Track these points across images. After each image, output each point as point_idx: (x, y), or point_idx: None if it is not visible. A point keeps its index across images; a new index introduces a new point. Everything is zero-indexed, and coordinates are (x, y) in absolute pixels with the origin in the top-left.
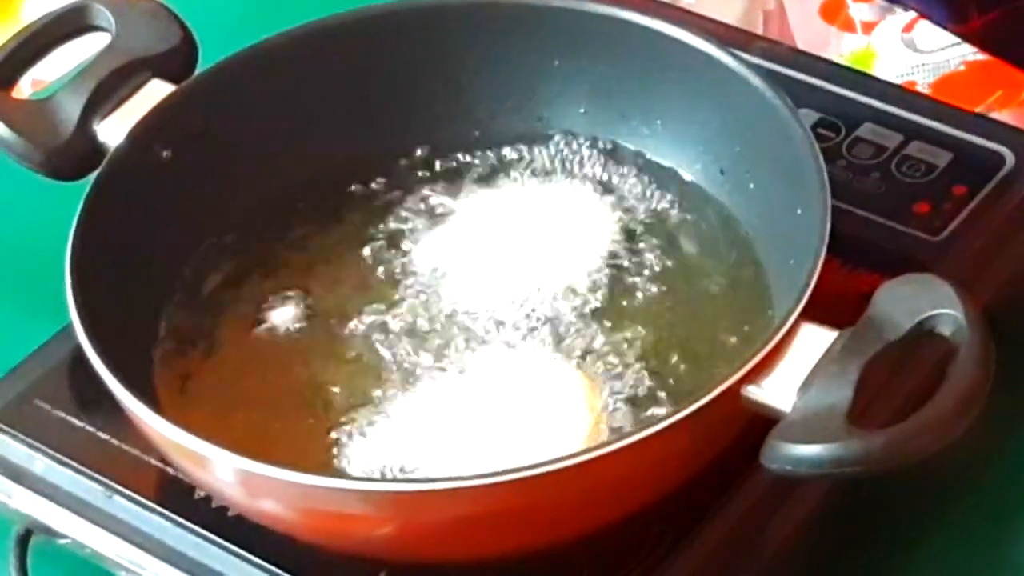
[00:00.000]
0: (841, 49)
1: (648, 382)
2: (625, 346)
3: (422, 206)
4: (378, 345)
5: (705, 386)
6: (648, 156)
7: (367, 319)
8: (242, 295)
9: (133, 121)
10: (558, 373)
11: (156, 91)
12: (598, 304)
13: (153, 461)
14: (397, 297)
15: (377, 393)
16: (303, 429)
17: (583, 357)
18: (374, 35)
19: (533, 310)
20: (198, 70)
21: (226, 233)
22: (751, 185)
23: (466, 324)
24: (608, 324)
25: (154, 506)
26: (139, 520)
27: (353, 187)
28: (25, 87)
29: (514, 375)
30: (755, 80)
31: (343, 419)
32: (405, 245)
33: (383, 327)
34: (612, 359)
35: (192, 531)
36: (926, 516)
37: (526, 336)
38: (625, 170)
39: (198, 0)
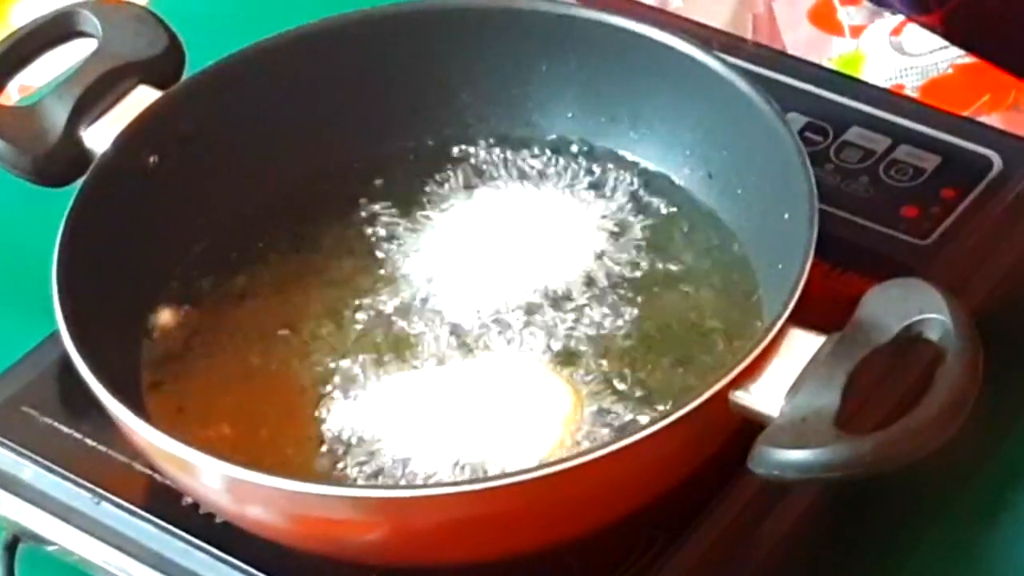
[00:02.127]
0: (830, 53)
1: (635, 387)
2: (611, 350)
3: (411, 209)
4: (370, 347)
5: (693, 391)
6: (636, 160)
7: (356, 322)
8: (230, 300)
9: (120, 127)
10: (541, 377)
11: (143, 97)
12: (584, 308)
13: (141, 468)
14: (387, 299)
15: (371, 395)
16: (292, 433)
17: (568, 360)
18: (361, 40)
19: (519, 313)
20: (185, 76)
21: (214, 238)
22: (739, 189)
23: (453, 327)
24: (594, 328)
25: (142, 513)
26: (127, 527)
27: (341, 190)
28: (12, 93)
29: (497, 377)
30: (742, 84)
31: (331, 422)
32: (394, 248)
33: (373, 329)
34: (597, 363)
35: (180, 537)
36: (916, 520)
37: (511, 339)
38: (613, 174)
39: (184, 6)
